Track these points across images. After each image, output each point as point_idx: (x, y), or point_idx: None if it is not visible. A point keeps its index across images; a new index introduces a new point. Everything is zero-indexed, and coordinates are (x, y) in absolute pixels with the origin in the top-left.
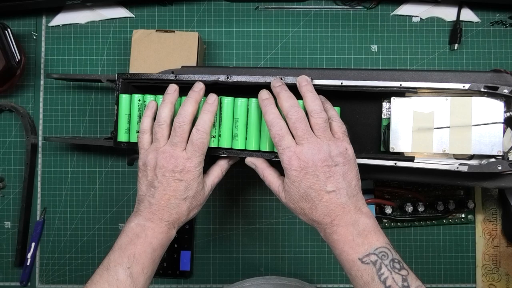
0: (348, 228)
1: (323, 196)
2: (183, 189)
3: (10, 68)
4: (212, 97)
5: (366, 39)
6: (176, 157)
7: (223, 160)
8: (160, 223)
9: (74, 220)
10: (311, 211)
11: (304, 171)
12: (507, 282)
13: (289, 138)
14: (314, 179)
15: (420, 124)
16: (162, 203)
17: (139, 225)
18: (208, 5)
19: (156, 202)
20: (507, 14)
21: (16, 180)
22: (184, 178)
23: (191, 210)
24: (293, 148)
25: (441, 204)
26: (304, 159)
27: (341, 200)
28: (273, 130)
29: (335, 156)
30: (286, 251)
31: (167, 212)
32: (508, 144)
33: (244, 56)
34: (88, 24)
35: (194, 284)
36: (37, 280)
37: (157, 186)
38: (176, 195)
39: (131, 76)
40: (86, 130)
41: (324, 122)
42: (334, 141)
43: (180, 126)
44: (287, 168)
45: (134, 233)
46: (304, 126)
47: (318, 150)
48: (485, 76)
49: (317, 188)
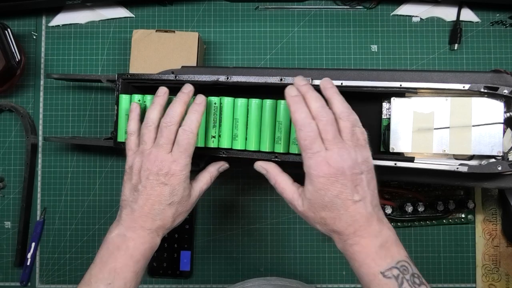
0: (372, 239)
1: (349, 206)
2: (168, 193)
3: (10, 68)
4: (200, 97)
5: (366, 39)
6: (161, 159)
7: (213, 167)
8: (142, 232)
9: (74, 220)
10: (334, 221)
11: (333, 179)
12: (507, 282)
13: (320, 142)
14: (342, 188)
15: (420, 124)
16: (145, 209)
17: (119, 236)
18: (208, 5)
19: (139, 208)
20: (507, 14)
21: (16, 180)
22: (169, 182)
23: (176, 217)
24: (323, 153)
25: (441, 204)
26: (334, 165)
27: (366, 210)
28: (304, 131)
29: (361, 163)
30: (286, 251)
31: (150, 219)
32: (508, 144)
33: (244, 56)
34: (88, 24)
35: (194, 284)
36: (37, 280)
37: (141, 191)
38: (161, 200)
39: (131, 76)
40: (86, 130)
41: (353, 126)
42: (359, 147)
43: (166, 126)
44: (313, 175)
45: (114, 245)
46: (334, 129)
47: (348, 156)
48: (485, 76)
49: (344, 197)
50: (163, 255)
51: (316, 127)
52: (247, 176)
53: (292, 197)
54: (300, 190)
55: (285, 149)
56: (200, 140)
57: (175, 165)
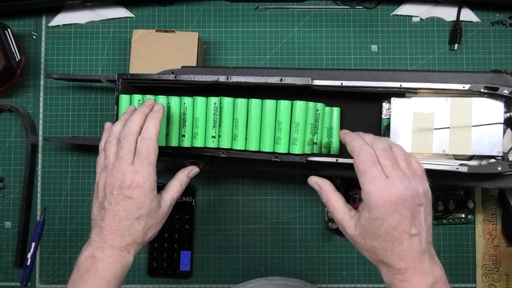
0: (423, 279)
1: (404, 240)
2: (134, 207)
3: (10, 68)
4: (158, 105)
5: (366, 39)
6: (122, 172)
7: (182, 173)
8: (111, 252)
9: (74, 220)
10: (385, 252)
11: (393, 208)
12: (507, 282)
13: (379, 167)
14: (401, 219)
15: (420, 124)
16: (113, 227)
17: (89, 258)
18: (208, 5)
19: (107, 225)
20: (507, 14)
21: (16, 180)
22: (133, 195)
23: (147, 230)
24: (383, 179)
25: (441, 204)
26: (395, 193)
27: (420, 246)
28: (363, 155)
29: (421, 194)
30: (286, 251)
31: (119, 236)
32: (508, 144)
33: (244, 56)
34: (88, 24)
35: (194, 284)
36: (37, 280)
37: (107, 207)
38: (127, 216)
39: (131, 76)
40: (86, 130)
41: (406, 155)
42: (418, 177)
43: (125, 137)
44: (373, 201)
45: (84, 268)
46: (392, 156)
47: (409, 185)
48: (485, 76)
49: (401, 230)
50: (163, 255)
51: (374, 152)
52: (247, 176)
53: (343, 219)
54: (352, 212)
55: (285, 149)
56: (200, 140)
57: (137, 176)
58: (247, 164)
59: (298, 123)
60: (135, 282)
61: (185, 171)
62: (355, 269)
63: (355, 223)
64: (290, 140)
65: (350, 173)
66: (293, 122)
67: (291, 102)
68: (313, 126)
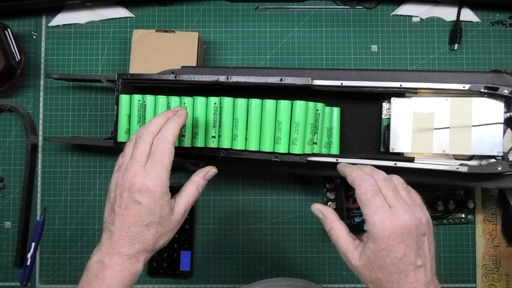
0: None
1: (410, 271)
2: (143, 214)
3: (10, 68)
4: (182, 110)
5: (366, 39)
6: (133, 173)
7: (197, 175)
8: (119, 259)
9: (74, 220)
10: (391, 285)
11: (398, 238)
12: (507, 282)
13: (382, 197)
14: (406, 250)
15: (420, 124)
16: (122, 233)
17: (98, 263)
18: (208, 5)
19: (117, 230)
20: (507, 14)
21: (16, 180)
22: (143, 200)
23: (158, 238)
24: (387, 209)
25: (441, 204)
26: (400, 224)
27: (426, 278)
28: (364, 185)
29: (424, 224)
30: (286, 251)
31: (128, 243)
32: (508, 144)
33: (244, 56)
34: (88, 24)
35: (194, 284)
36: (37, 280)
37: (117, 211)
38: (137, 222)
39: (131, 76)
40: (86, 130)
41: (405, 184)
42: (419, 206)
43: (141, 136)
44: (378, 232)
45: (93, 274)
46: (394, 186)
47: (412, 215)
48: (485, 76)
49: (407, 261)
50: (163, 255)
51: (375, 182)
52: (247, 176)
53: (347, 249)
54: (357, 242)
55: (285, 149)
56: (200, 140)
57: (148, 180)
58: (247, 164)
59: (298, 123)
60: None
61: (201, 173)
62: None
63: (359, 253)
64: (290, 140)
65: None
66: (293, 122)
67: (291, 102)
68: (313, 126)
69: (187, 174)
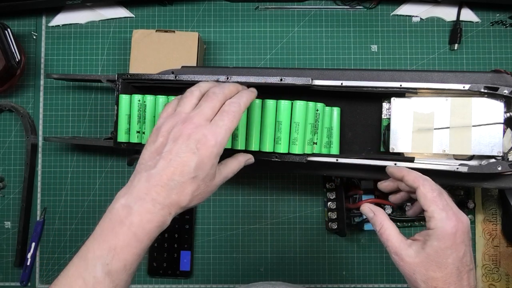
0: None
1: (465, 273)
2: (194, 164)
3: (10, 68)
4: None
5: (366, 39)
6: (197, 124)
7: (242, 156)
8: (151, 207)
9: (74, 220)
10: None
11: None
12: (507, 282)
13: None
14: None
15: (420, 124)
16: (163, 178)
17: (125, 207)
18: (208, 5)
19: (157, 174)
20: (507, 14)
21: (16, 180)
22: (199, 152)
23: (195, 196)
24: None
25: None
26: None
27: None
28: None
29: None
30: (286, 251)
31: (165, 191)
32: (508, 144)
33: (244, 56)
34: (88, 24)
35: (194, 284)
36: (37, 280)
37: (164, 155)
38: (183, 171)
39: (131, 76)
40: (86, 130)
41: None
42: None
43: (215, 93)
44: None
45: (118, 219)
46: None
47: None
48: (485, 76)
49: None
50: (163, 255)
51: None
52: (247, 176)
53: (400, 246)
54: (409, 241)
55: (285, 149)
56: None
57: (211, 135)
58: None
59: (298, 123)
60: (135, 282)
61: (245, 157)
62: (355, 269)
63: (415, 250)
64: (290, 140)
65: (350, 173)
66: (293, 122)
67: (291, 102)
68: (313, 126)
69: None
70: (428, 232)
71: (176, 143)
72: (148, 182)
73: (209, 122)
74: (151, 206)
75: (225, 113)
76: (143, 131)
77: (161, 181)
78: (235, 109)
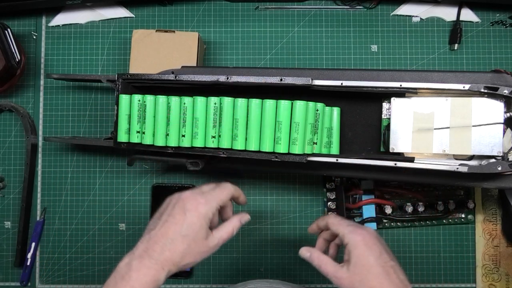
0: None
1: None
2: (185, 224)
3: (10, 68)
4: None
5: (366, 39)
6: (194, 197)
7: (235, 218)
8: (148, 263)
9: (74, 220)
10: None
11: (371, 242)
12: (507, 282)
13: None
14: (380, 249)
15: (420, 124)
16: (158, 235)
17: (127, 265)
18: (208, 5)
19: (154, 234)
20: (507, 14)
21: (16, 180)
22: (190, 212)
23: (186, 255)
24: (355, 225)
25: (441, 204)
26: (369, 230)
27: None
28: (332, 215)
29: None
30: (286, 251)
31: (159, 247)
32: (508, 144)
33: (244, 56)
34: (88, 24)
35: (194, 284)
36: (37, 280)
37: (163, 218)
38: (175, 229)
39: (131, 76)
40: (86, 130)
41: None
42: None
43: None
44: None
45: (120, 275)
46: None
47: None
48: (485, 76)
49: (384, 259)
50: None
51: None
52: (247, 176)
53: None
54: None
55: (285, 149)
56: (200, 140)
57: (202, 199)
58: (247, 164)
59: (298, 123)
60: None
61: (238, 217)
62: None
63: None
64: (290, 140)
65: (350, 173)
66: (293, 122)
67: (291, 102)
68: (313, 126)
69: (187, 174)
70: (347, 248)
71: (173, 208)
72: (148, 242)
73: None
74: (147, 262)
75: (218, 187)
76: (143, 131)
77: (157, 239)
78: (226, 185)
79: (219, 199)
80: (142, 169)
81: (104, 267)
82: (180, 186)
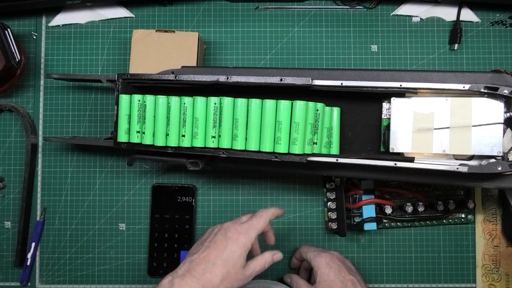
0: None
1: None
2: (226, 250)
3: (10, 68)
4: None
5: (366, 39)
6: (235, 227)
7: (268, 253)
8: (190, 281)
9: (74, 220)
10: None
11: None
12: (507, 282)
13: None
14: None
15: (420, 124)
16: (201, 258)
17: (169, 282)
18: (208, 5)
19: (197, 257)
20: (507, 14)
21: (16, 180)
22: (231, 239)
23: (225, 279)
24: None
25: (441, 204)
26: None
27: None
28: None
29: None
30: (286, 251)
31: (201, 269)
32: (508, 144)
33: (244, 56)
34: (88, 24)
35: None
36: (37, 280)
37: (205, 244)
38: (217, 254)
39: (131, 76)
40: (86, 130)
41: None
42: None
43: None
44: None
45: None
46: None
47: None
48: (485, 76)
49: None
50: (163, 255)
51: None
52: (247, 176)
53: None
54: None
55: (285, 149)
56: (200, 140)
57: (242, 229)
58: (247, 164)
59: (298, 123)
60: (135, 282)
61: (271, 253)
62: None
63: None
64: (290, 140)
65: (350, 173)
66: (293, 122)
67: (291, 102)
68: (313, 126)
69: (187, 174)
70: (313, 270)
71: (216, 236)
72: (190, 263)
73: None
74: (189, 280)
75: (254, 217)
76: (143, 131)
77: (199, 261)
78: (262, 214)
79: (257, 229)
80: (142, 169)
81: (104, 267)
82: (180, 186)
